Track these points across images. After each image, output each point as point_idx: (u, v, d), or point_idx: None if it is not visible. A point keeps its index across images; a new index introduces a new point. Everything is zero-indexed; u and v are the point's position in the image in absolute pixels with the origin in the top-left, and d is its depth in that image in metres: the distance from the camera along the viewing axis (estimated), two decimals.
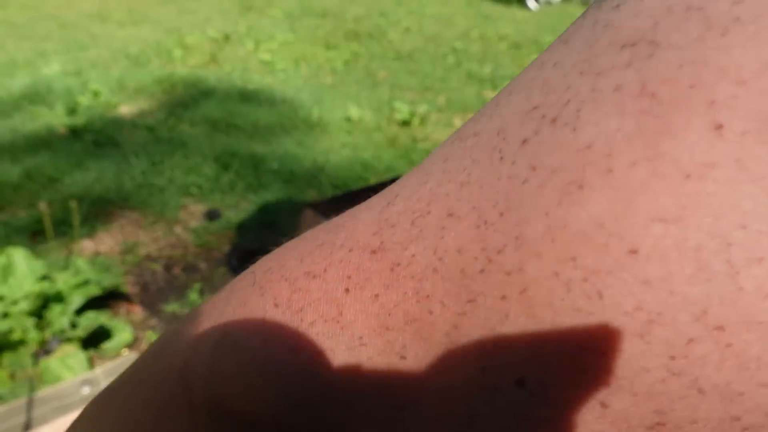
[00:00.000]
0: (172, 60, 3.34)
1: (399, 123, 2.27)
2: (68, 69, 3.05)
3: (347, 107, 2.41)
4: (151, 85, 2.70)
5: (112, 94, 2.60)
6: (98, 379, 0.92)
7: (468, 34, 4.43)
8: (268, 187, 1.66)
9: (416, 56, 3.60)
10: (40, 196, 1.57)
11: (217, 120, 2.25)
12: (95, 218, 1.47)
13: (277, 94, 2.62)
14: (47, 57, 3.39)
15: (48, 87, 2.58)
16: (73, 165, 1.75)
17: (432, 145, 2.08)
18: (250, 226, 1.46)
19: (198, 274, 1.25)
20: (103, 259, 1.29)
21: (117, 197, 1.58)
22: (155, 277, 1.24)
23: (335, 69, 3.23)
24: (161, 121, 2.23)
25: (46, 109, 2.32)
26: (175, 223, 1.47)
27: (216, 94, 2.59)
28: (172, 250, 1.35)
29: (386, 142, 2.08)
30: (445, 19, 5.26)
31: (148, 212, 1.52)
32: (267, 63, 3.33)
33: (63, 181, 1.65)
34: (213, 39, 3.97)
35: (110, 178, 1.67)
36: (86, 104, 2.38)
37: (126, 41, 3.92)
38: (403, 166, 1.86)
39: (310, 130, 2.19)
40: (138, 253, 1.33)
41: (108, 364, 0.95)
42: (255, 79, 2.95)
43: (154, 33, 4.26)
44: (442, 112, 2.48)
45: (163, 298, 1.17)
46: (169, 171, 1.73)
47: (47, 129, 2.10)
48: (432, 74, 3.12)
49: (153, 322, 1.09)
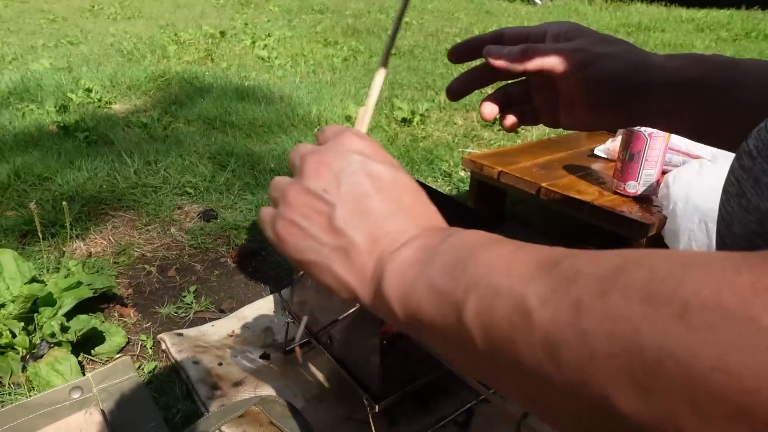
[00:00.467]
0: (166, 56, 3.29)
1: (399, 121, 2.24)
2: (58, 65, 2.99)
3: (346, 105, 2.37)
4: (145, 82, 2.66)
5: (105, 90, 2.55)
6: (89, 385, 0.89)
7: (470, 30, 4.41)
8: (266, 187, 1.63)
9: (417, 53, 3.57)
10: (29, 195, 1.53)
11: (212, 118, 2.21)
12: (87, 218, 1.43)
13: (275, 92, 2.58)
14: (36, 52, 3.33)
15: (37, 83, 2.52)
16: (64, 164, 1.71)
17: (433, 143, 2.05)
18: (248, 226, 1.42)
19: (194, 276, 1.22)
20: (95, 260, 1.25)
21: (110, 197, 1.54)
22: (149, 279, 1.20)
23: (334, 66, 3.19)
24: (155, 119, 2.19)
25: (35, 106, 2.27)
26: (169, 224, 1.43)
27: (212, 91, 2.54)
28: (166, 252, 1.31)
29: (386, 141, 2.05)
30: (447, 15, 5.23)
31: (141, 212, 1.48)
32: (264, 59, 3.29)
33: (53, 180, 1.61)
34: (209, 34, 3.92)
35: (103, 177, 1.63)
36: (78, 101, 2.33)
37: (119, 36, 3.87)
38: (404, 165, 1.83)
39: (308, 128, 2.16)
40: (131, 255, 1.29)
41: (100, 369, 0.92)
42: (252, 76, 2.91)
43: (147, 28, 4.20)
44: (443, 110, 2.45)
45: (158, 300, 1.13)
46: (164, 170, 1.69)
47: (37, 126, 2.05)
48: (433, 71, 3.09)
49: (147, 325, 1.06)
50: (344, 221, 0.32)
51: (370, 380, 0.75)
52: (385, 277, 0.30)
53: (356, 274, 0.32)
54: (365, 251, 0.31)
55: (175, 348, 0.96)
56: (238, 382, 0.89)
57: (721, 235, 0.34)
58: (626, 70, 0.43)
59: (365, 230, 0.32)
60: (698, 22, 4.83)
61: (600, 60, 0.43)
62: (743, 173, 0.32)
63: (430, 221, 0.33)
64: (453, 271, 0.26)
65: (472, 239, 0.28)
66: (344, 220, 0.32)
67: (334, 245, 0.32)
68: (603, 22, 4.87)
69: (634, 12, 5.50)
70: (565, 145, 1.43)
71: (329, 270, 0.33)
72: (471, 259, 0.26)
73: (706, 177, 1.01)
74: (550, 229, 1.42)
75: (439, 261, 0.28)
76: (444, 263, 0.27)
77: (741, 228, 0.32)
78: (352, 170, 0.33)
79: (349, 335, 0.78)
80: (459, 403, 0.86)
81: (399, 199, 0.33)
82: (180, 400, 0.87)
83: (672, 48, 3.71)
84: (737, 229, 0.32)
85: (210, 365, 0.92)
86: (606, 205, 1.06)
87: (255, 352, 0.97)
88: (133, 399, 0.86)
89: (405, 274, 0.29)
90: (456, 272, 0.26)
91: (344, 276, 0.32)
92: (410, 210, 0.33)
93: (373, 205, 0.32)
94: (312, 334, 0.88)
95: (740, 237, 0.32)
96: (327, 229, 0.32)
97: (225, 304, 1.13)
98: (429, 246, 0.29)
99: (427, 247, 0.29)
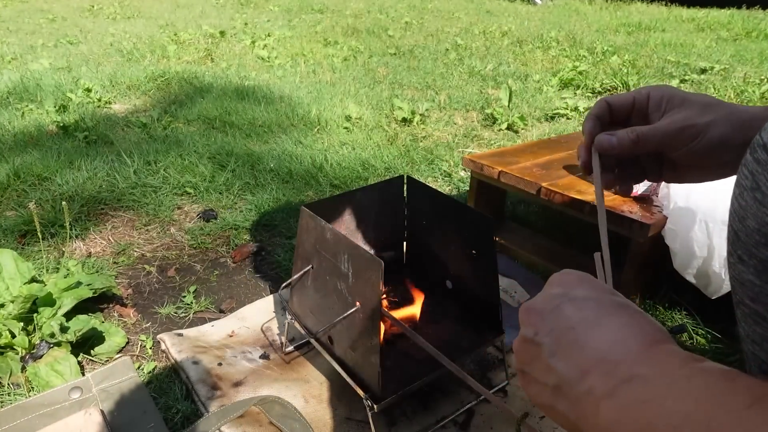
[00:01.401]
0: (166, 56, 3.28)
1: (399, 121, 2.24)
2: (58, 64, 2.99)
3: (346, 105, 2.37)
4: (145, 82, 2.65)
5: (104, 90, 2.54)
6: (89, 385, 0.89)
7: (470, 30, 4.40)
8: (266, 187, 1.63)
9: (417, 53, 3.57)
10: (29, 196, 1.52)
11: (212, 118, 2.21)
12: (87, 219, 1.43)
13: (275, 92, 2.58)
14: (36, 52, 3.33)
15: (37, 83, 2.52)
16: (64, 164, 1.71)
17: (433, 143, 2.05)
18: (247, 226, 1.42)
19: (193, 276, 1.21)
20: (95, 260, 1.25)
21: (109, 197, 1.53)
22: (149, 279, 1.20)
23: (334, 66, 3.19)
24: (155, 119, 2.19)
25: (34, 106, 2.27)
26: (169, 224, 1.43)
27: (211, 91, 2.54)
28: (166, 252, 1.31)
29: (386, 141, 2.04)
30: (447, 15, 5.23)
31: (141, 212, 1.48)
32: (264, 59, 3.28)
33: (53, 180, 1.60)
34: (208, 34, 3.92)
35: (102, 177, 1.63)
36: (77, 101, 2.33)
37: (118, 36, 3.86)
38: (404, 165, 1.83)
39: (308, 128, 2.16)
40: (131, 255, 1.29)
41: (100, 370, 0.92)
42: (252, 75, 2.91)
43: (147, 28, 4.19)
44: (443, 110, 2.44)
45: (157, 300, 1.13)
46: (164, 170, 1.69)
47: (36, 126, 2.05)
48: (433, 71, 3.09)
49: (146, 325, 1.06)
50: (554, 358, 0.32)
51: (370, 380, 0.74)
52: (599, 417, 0.29)
53: (576, 412, 0.31)
54: (576, 384, 0.31)
55: (174, 348, 0.95)
56: (238, 382, 0.89)
57: (735, 229, 0.33)
58: (731, 133, 0.44)
59: (573, 362, 0.31)
60: (699, 22, 4.83)
61: (707, 131, 0.45)
62: (758, 166, 0.32)
63: (645, 340, 0.31)
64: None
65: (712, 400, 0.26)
66: (553, 357, 0.32)
67: (553, 384, 0.32)
68: (603, 21, 4.86)
69: (635, 12, 5.50)
70: (565, 145, 1.43)
71: (555, 411, 0.33)
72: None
73: None
74: (550, 229, 1.42)
75: (668, 412, 0.26)
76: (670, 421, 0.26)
77: (756, 221, 0.31)
78: (553, 305, 0.34)
79: (348, 335, 0.78)
80: (459, 403, 0.86)
81: (607, 323, 0.32)
82: (180, 400, 0.86)
83: (672, 47, 3.71)
84: (751, 223, 0.32)
85: (210, 365, 0.92)
86: (606, 205, 1.06)
87: (255, 352, 0.97)
88: (133, 399, 0.86)
89: (621, 424, 0.28)
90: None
91: (568, 415, 0.32)
92: (619, 333, 0.31)
93: (578, 335, 0.32)
94: (312, 334, 0.87)
95: (755, 231, 0.31)
96: (544, 370, 0.33)
97: (225, 304, 1.12)
98: (649, 386, 0.28)
99: (647, 388, 0.28)
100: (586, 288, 0.35)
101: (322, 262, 0.81)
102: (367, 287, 0.72)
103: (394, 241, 1.06)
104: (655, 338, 0.31)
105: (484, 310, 0.88)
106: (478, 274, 0.88)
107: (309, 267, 0.85)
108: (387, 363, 0.82)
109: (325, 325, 0.83)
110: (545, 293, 0.36)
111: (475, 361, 0.95)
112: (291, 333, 1.00)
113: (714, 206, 0.96)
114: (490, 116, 2.28)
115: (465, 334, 0.90)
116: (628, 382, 0.28)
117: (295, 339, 0.99)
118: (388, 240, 1.05)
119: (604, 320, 0.32)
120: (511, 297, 1.13)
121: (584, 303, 0.34)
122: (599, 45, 3.71)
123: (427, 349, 0.70)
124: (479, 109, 2.43)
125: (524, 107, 2.44)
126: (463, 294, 0.94)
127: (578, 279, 0.36)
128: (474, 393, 0.87)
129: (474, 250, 0.87)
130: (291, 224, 1.42)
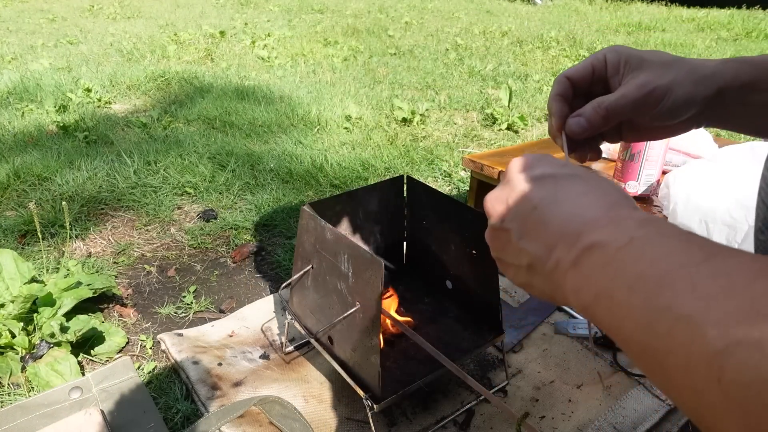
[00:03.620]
0: (166, 56, 3.28)
1: (399, 121, 2.24)
2: (58, 64, 2.99)
3: (346, 105, 2.37)
4: (145, 82, 2.65)
5: (104, 90, 2.54)
6: (89, 385, 0.89)
7: (470, 30, 4.40)
8: (266, 187, 1.63)
9: (417, 53, 3.56)
10: (29, 196, 1.52)
11: (212, 118, 2.21)
12: (87, 219, 1.43)
13: (275, 92, 2.58)
14: (36, 52, 3.33)
15: (37, 83, 2.52)
16: (64, 164, 1.71)
17: (433, 143, 2.05)
18: (247, 226, 1.42)
19: (193, 276, 1.21)
20: (95, 260, 1.25)
21: (109, 197, 1.54)
22: (149, 279, 1.20)
23: (334, 66, 3.19)
24: (155, 119, 2.19)
25: (34, 106, 2.27)
26: (169, 224, 1.43)
27: (211, 91, 2.54)
28: (166, 252, 1.31)
29: (386, 141, 2.04)
30: (447, 15, 5.23)
31: (141, 212, 1.48)
32: (264, 59, 3.28)
33: (53, 180, 1.60)
34: (208, 34, 3.92)
35: (102, 177, 1.63)
36: (77, 101, 2.33)
37: (118, 36, 3.86)
38: (404, 165, 1.83)
39: (308, 128, 2.15)
40: (131, 255, 1.29)
41: (100, 369, 0.92)
42: (252, 75, 2.91)
43: (147, 28, 4.19)
44: (443, 110, 2.44)
45: (157, 300, 1.13)
46: (164, 170, 1.69)
47: (36, 126, 2.05)
48: (433, 71, 3.09)
49: (147, 325, 1.06)
50: (522, 240, 0.34)
51: (370, 380, 0.74)
52: (566, 287, 0.31)
53: (550, 285, 0.33)
54: (545, 260, 0.33)
55: (174, 348, 0.95)
56: (238, 382, 0.89)
57: (766, 204, 0.33)
58: (694, 90, 0.45)
59: (540, 240, 0.33)
60: (699, 22, 4.83)
61: (671, 92, 0.45)
62: None
63: (602, 205, 0.32)
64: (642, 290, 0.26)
65: (657, 253, 0.27)
66: (522, 239, 0.34)
67: (526, 264, 0.34)
68: (603, 21, 4.87)
69: (635, 12, 5.50)
70: None
71: (533, 287, 0.35)
72: (660, 280, 0.25)
73: (706, 177, 1.01)
74: None
75: (624, 274, 0.27)
76: (629, 279, 0.27)
77: None
78: (514, 190, 0.35)
79: (348, 335, 0.78)
80: (459, 403, 0.86)
81: (564, 199, 0.33)
82: (180, 400, 0.86)
83: (672, 47, 3.71)
84: None
85: (210, 365, 0.92)
86: None
87: (255, 352, 0.97)
88: (133, 399, 0.86)
89: (583, 291, 0.29)
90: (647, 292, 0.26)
91: (544, 289, 0.34)
92: (578, 204, 0.33)
93: (541, 214, 0.33)
94: (312, 334, 0.87)
95: None
96: (516, 253, 0.35)
97: (225, 304, 1.12)
98: (607, 251, 0.29)
99: (606, 253, 0.29)
100: (543, 166, 0.36)
101: (322, 262, 0.81)
102: (367, 287, 0.72)
103: (394, 241, 1.06)
104: (611, 202, 0.32)
105: (484, 310, 0.88)
106: (478, 274, 0.88)
107: (309, 267, 0.85)
108: (387, 363, 0.82)
109: (325, 325, 0.83)
110: (505, 180, 0.37)
111: (475, 361, 0.95)
112: (291, 333, 1.00)
113: (714, 206, 0.96)
114: (490, 116, 2.28)
115: (465, 334, 0.90)
116: (588, 250, 0.30)
117: (295, 339, 0.99)
118: (388, 240, 1.05)
119: (561, 194, 0.33)
120: (511, 297, 1.13)
121: (542, 181, 0.35)
122: (599, 45, 3.71)
123: (427, 349, 0.70)
124: (479, 109, 2.43)
125: (524, 107, 2.44)
126: (463, 294, 0.94)
127: (535, 159, 0.37)
128: (474, 393, 0.87)
129: (474, 250, 0.87)
130: (291, 224, 1.42)
